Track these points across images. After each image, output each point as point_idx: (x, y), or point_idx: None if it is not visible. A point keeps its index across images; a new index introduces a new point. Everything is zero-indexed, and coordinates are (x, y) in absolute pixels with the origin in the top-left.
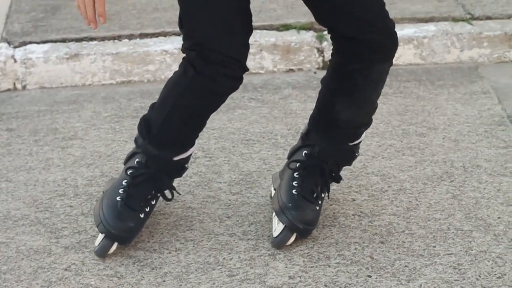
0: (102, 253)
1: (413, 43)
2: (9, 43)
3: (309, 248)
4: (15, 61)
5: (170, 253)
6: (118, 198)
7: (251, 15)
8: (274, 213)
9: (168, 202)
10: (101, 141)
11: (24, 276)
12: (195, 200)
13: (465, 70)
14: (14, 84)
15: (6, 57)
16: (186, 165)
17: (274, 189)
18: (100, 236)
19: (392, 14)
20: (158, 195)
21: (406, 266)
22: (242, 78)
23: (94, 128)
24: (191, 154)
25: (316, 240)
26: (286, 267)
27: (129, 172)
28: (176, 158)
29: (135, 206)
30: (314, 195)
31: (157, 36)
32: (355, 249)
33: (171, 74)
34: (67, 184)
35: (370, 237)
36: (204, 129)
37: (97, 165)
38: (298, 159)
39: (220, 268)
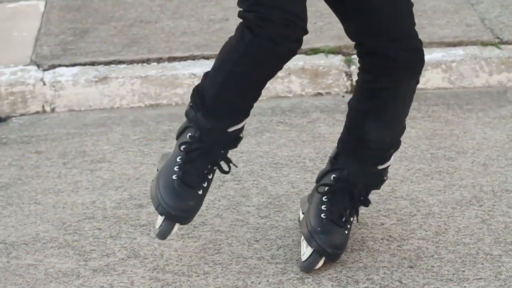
0: (163, 235)
1: (442, 67)
2: (38, 66)
3: (337, 272)
4: (44, 84)
5: (198, 276)
6: (174, 177)
7: None
8: (302, 237)
9: (196, 226)
10: (129, 164)
11: None
12: (223, 224)
13: (494, 94)
14: (43, 106)
15: (36, 80)
16: (240, 135)
17: (303, 213)
18: (160, 219)
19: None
20: (215, 168)
21: None
22: (301, 41)
23: (123, 151)
24: (245, 124)
25: (345, 264)
26: None
27: (182, 147)
28: (230, 130)
29: (193, 183)
30: (343, 219)
31: (185, 60)
32: (384, 273)
33: None
34: (96, 207)
35: (399, 262)
36: (232, 152)
37: (125, 188)
38: (326, 182)
39: None
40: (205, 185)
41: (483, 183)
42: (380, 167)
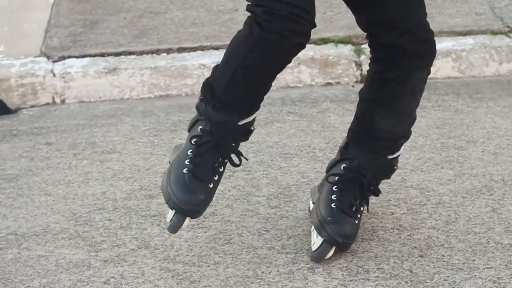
0: (174, 229)
1: (451, 56)
2: (48, 57)
3: (348, 261)
4: (54, 75)
5: (209, 266)
6: (185, 171)
7: None
8: (313, 227)
9: (206, 216)
10: (139, 155)
11: None
12: (233, 214)
13: (504, 83)
14: (53, 98)
15: (45, 72)
16: (251, 128)
17: (313, 203)
18: (171, 212)
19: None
20: (225, 161)
21: (445, 280)
22: (309, 35)
23: (133, 142)
24: (255, 117)
25: (355, 254)
26: (325, 280)
27: (193, 140)
28: (241, 123)
29: (204, 177)
30: (353, 209)
31: (195, 50)
32: (394, 262)
33: None
34: (106, 198)
35: (409, 251)
36: (242, 143)
37: (135, 178)
38: (336, 172)
39: (259, 282)
40: (216, 178)
41: (493, 172)
42: (390, 156)
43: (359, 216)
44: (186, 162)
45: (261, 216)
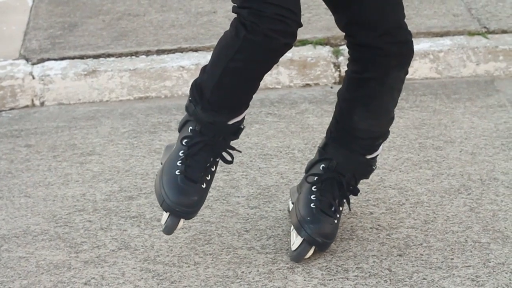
0: (170, 231)
1: (429, 57)
2: (27, 60)
3: (327, 261)
4: (33, 77)
5: (189, 267)
6: (177, 172)
7: None
8: (292, 227)
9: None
10: (119, 157)
11: None
12: (213, 215)
13: (481, 83)
14: (33, 100)
15: (24, 74)
16: (241, 126)
17: (292, 203)
18: (165, 215)
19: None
20: (217, 160)
21: (424, 279)
22: (296, 35)
23: (112, 143)
24: (245, 116)
25: (334, 253)
26: (304, 280)
27: (184, 141)
28: (230, 122)
29: (196, 178)
30: (332, 209)
31: (174, 52)
32: (373, 262)
33: (188, 91)
34: (86, 199)
35: (388, 250)
36: None
37: (115, 180)
38: (315, 172)
39: (239, 282)
40: (208, 178)
41: (471, 172)
42: (369, 156)
43: (338, 216)
44: (178, 163)
45: (241, 217)
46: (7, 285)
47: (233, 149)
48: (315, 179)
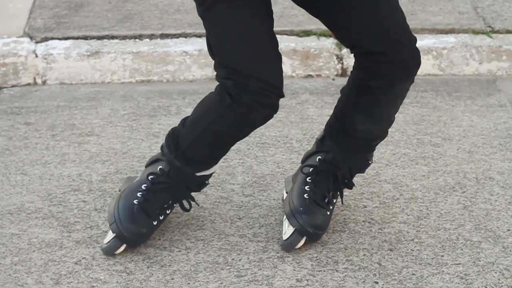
0: (109, 252)
1: (432, 54)
2: (31, 38)
3: (318, 252)
4: (36, 56)
5: (180, 251)
6: (135, 201)
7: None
8: (285, 216)
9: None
10: (117, 139)
11: (35, 268)
12: (207, 201)
13: (483, 82)
14: (35, 79)
15: (28, 52)
16: (206, 182)
17: (287, 193)
18: (111, 235)
19: (412, 25)
20: (175, 205)
21: (413, 274)
22: (277, 107)
23: (111, 125)
24: (212, 173)
25: (325, 245)
26: (294, 270)
27: (150, 177)
28: (198, 174)
29: (151, 213)
30: (326, 200)
31: (177, 37)
32: (364, 255)
33: (190, 76)
34: (82, 180)
35: (379, 244)
36: None
37: (112, 161)
38: (311, 164)
39: (229, 268)
40: (161, 218)
41: (467, 170)
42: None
43: (331, 207)
44: (138, 194)
45: (235, 204)
46: None
47: (193, 200)
48: (310, 170)
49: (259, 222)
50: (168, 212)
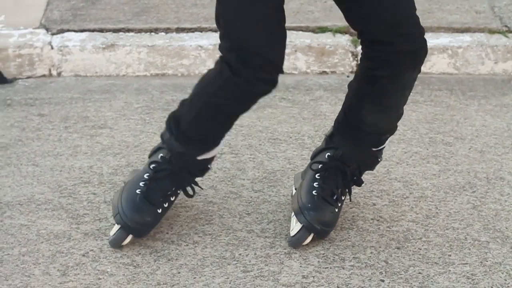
0: (116, 244)
1: (448, 53)
2: (47, 29)
3: (325, 249)
4: (52, 48)
5: (187, 245)
6: (138, 191)
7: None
8: (293, 213)
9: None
10: (130, 132)
11: (42, 259)
12: (217, 195)
13: (498, 82)
14: (50, 70)
15: (43, 44)
16: (208, 166)
17: (296, 189)
18: (116, 227)
19: (428, 23)
20: (178, 192)
21: (419, 273)
22: (276, 82)
23: (124, 118)
24: (214, 156)
25: (333, 242)
26: (300, 266)
27: (152, 166)
28: (199, 158)
29: (154, 201)
30: (334, 197)
31: (193, 31)
32: (371, 253)
33: (205, 70)
34: (93, 172)
35: (386, 242)
36: (233, 126)
37: (123, 154)
38: (320, 160)
39: (235, 264)
40: (165, 205)
41: (478, 170)
42: (375, 149)
43: (339, 204)
44: (141, 184)
45: (244, 199)
46: (6, 251)
47: (196, 185)
48: (319, 166)
49: (267, 217)
50: (172, 199)
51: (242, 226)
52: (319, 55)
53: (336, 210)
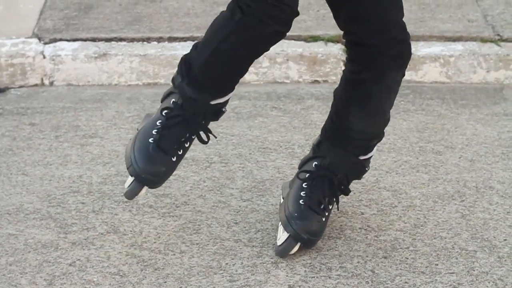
0: (131, 195)
1: (440, 61)
2: (39, 39)
3: (312, 258)
4: (44, 57)
5: (174, 255)
6: (150, 140)
7: None
8: (280, 222)
9: (178, 205)
10: (120, 141)
11: (29, 269)
12: (205, 204)
13: (490, 91)
14: (42, 80)
15: (36, 53)
16: (223, 109)
17: (283, 198)
18: (130, 179)
19: (421, 32)
20: (193, 137)
21: (406, 283)
22: (290, 24)
23: (115, 127)
24: (228, 100)
25: (320, 251)
26: (287, 275)
27: (164, 112)
28: (213, 102)
29: (168, 149)
30: (321, 207)
31: (185, 41)
32: (358, 262)
33: None
34: (82, 181)
35: (374, 252)
36: (223, 135)
37: (113, 164)
38: (307, 169)
39: (222, 273)
40: (180, 152)
41: (468, 179)
42: (362, 157)
43: (326, 214)
44: (153, 132)
45: (232, 209)
46: None
47: (210, 132)
48: (306, 176)
49: (255, 227)
50: (187, 145)
51: (230, 235)
52: (311, 64)
53: (323, 219)
